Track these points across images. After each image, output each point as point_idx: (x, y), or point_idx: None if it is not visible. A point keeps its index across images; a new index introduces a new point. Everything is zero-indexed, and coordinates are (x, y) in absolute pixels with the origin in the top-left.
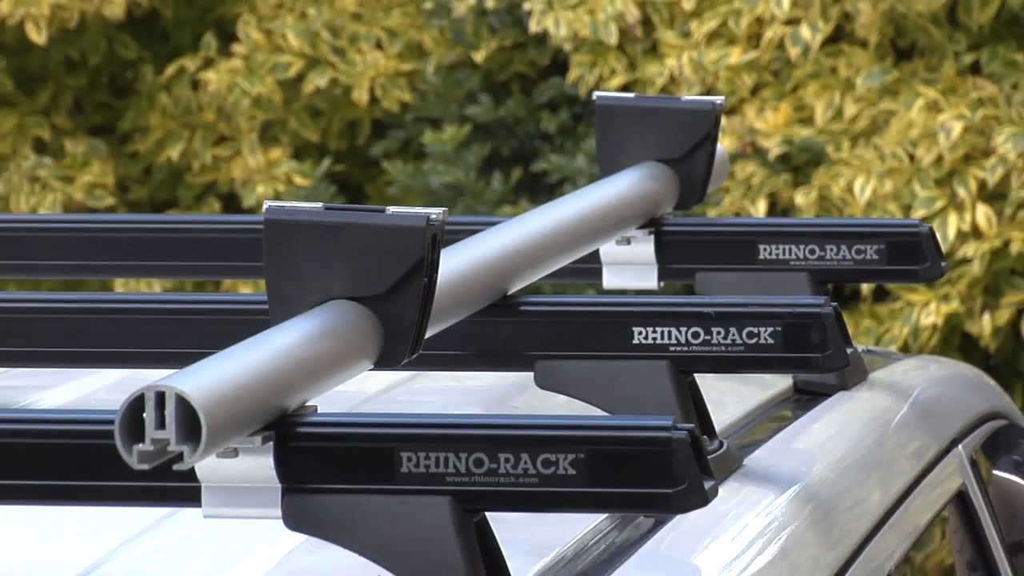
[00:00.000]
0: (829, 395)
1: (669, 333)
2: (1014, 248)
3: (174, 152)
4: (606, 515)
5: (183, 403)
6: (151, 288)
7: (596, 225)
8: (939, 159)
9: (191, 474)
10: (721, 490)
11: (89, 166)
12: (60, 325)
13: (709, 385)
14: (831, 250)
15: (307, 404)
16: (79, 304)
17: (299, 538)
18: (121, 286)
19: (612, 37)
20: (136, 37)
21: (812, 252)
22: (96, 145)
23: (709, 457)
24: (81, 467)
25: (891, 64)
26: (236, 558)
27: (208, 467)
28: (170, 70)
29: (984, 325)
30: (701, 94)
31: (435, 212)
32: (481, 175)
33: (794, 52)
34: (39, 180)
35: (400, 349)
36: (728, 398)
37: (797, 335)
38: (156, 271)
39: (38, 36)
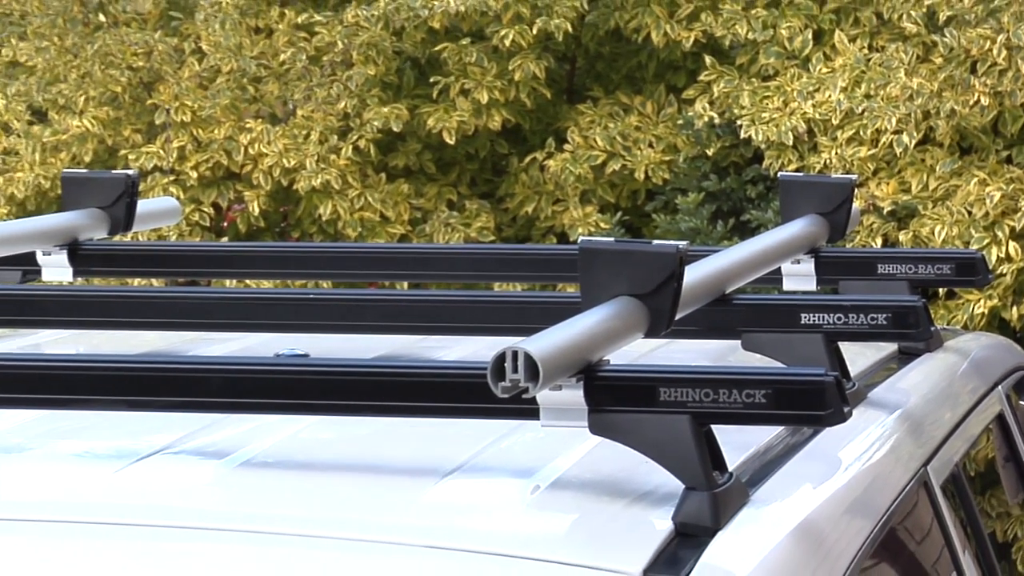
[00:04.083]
0: (920, 355)
1: (823, 317)
2: None
3: (529, 209)
4: (783, 427)
5: (529, 358)
6: (515, 288)
7: (779, 252)
8: (987, 214)
9: (533, 400)
10: (854, 412)
11: (479, 216)
12: (462, 312)
13: (846, 348)
14: (922, 268)
15: (604, 358)
16: (472, 299)
17: (597, 439)
18: (497, 286)
19: (789, 140)
20: (507, 140)
21: (910, 269)
22: (483, 204)
23: (847, 392)
24: (468, 395)
25: (957, 157)
26: (561, 450)
27: (543, 396)
28: (527, 159)
29: (1013, 314)
30: (843, 175)
31: (682, 244)
32: (710, 223)
33: (899, 150)
34: (450, 225)
35: (660, 326)
36: (858, 357)
37: (902, 319)
38: (517, 278)
39: (449, 139)
